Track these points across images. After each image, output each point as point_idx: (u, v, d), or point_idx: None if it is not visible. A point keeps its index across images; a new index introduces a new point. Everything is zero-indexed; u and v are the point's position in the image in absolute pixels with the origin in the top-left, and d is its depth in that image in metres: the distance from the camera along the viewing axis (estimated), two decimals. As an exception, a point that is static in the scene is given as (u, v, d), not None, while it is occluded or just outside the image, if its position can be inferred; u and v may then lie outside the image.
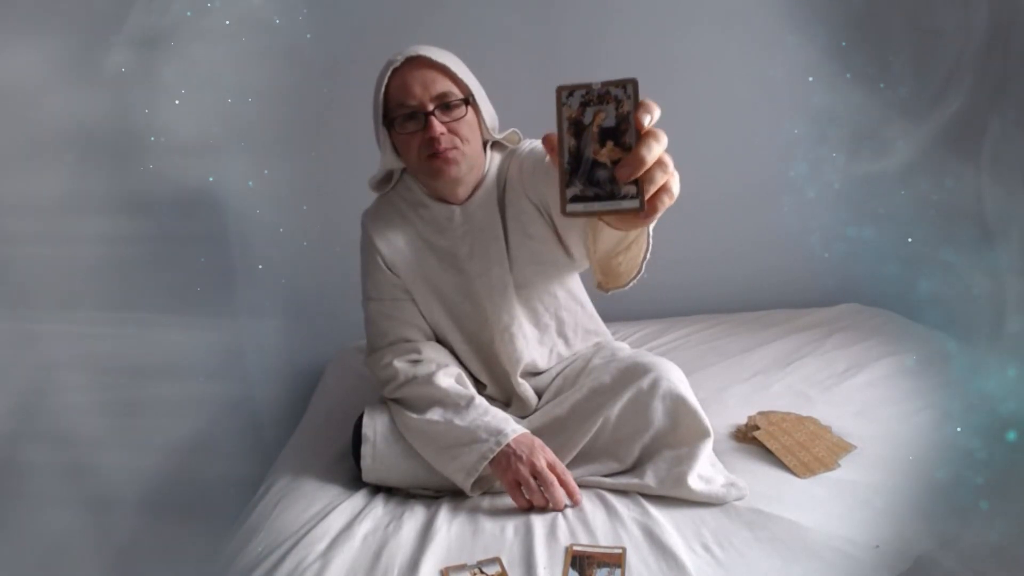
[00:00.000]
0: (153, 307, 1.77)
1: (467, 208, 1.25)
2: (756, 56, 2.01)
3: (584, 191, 0.62)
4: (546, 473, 1.09)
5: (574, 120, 0.62)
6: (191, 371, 1.83)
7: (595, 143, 0.62)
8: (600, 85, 0.62)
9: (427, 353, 1.27)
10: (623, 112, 0.61)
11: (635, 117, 0.61)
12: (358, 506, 1.16)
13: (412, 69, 1.14)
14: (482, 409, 1.18)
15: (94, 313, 1.72)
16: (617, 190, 0.61)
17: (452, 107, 1.15)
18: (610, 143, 0.62)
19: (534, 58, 1.98)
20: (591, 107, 0.62)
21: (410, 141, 1.16)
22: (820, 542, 0.97)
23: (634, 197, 0.61)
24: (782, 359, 1.66)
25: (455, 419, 1.16)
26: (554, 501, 1.08)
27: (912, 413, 1.33)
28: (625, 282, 1.02)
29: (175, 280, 1.81)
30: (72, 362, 1.69)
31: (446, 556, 1.01)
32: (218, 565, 1.07)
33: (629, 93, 0.61)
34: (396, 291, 1.29)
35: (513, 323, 1.26)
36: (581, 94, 0.62)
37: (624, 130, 0.61)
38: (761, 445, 1.25)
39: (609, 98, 0.62)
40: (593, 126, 0.62)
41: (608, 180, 0.62)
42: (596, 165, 0.62)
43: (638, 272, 0.99)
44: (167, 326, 1.78)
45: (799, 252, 2.13)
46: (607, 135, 0.62)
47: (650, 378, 1.16)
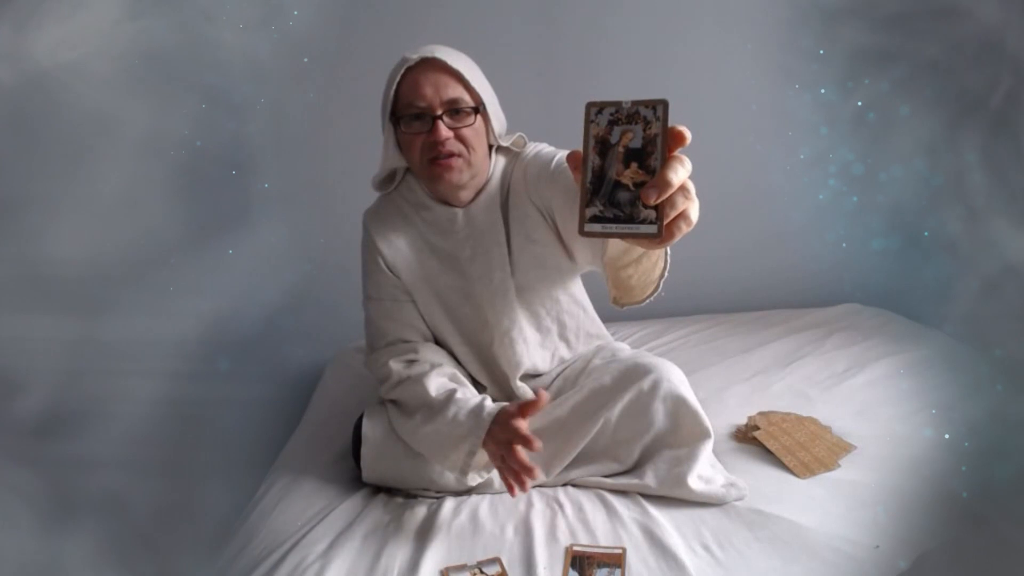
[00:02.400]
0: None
1: (470, 211, 1.25)
2: (756, 57, 2.01)
3: (604, 212, 0.61)
4: (516, 453, 1.01)
5: (601, 138, 0.61)
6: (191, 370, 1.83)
7: (619, 163, 0.61)
8: (630, 104, 0.61)
9: (423, 354, 1.27)
10: (651, 134, 0.60)
11: (665, 140, 0.60)
12: (358, 506, 1.16)
13: (426, 70, 1.12)
14: (460, 401, 1.13)
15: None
16: (636, 213, 0.60)
17: (461, 114, 1.14)
18: (634, 165, 0.61)
19: (536, 61, 1.98)
20: (619, 126, 0.61)
21: (414, 141, 1.15)
22: (820, 542, 0.98)
23: (652, 222, 0.60)
24: (782, 359, 1.66)
25: (437, 420, 1.13)
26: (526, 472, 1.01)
27: (912, 413, 1.33)
28: (640, 298, 0.99)
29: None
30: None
31: (446, 556, 1.01)
32: (218, 565, 1.07)
33: (659, 115, 0.60)
34: (396, 292, 1.29)
35: (514, 327, 1.26)
36: (610, 112, 0.61)
37: (650, 152, 0.60)
38: (761, 445, 1.25)
39: (638, 118, 0.61)
40: (619, 146, 0.61)
41: (629, 203, 0.61)
42: (618, 186, 0.61)
43: (655, 289, 0.97)
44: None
45: (799, 252, 2.13)
46: (632, 156, 0.61)
47: (651, 379, 1.16)
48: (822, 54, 1.92)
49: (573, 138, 1.15)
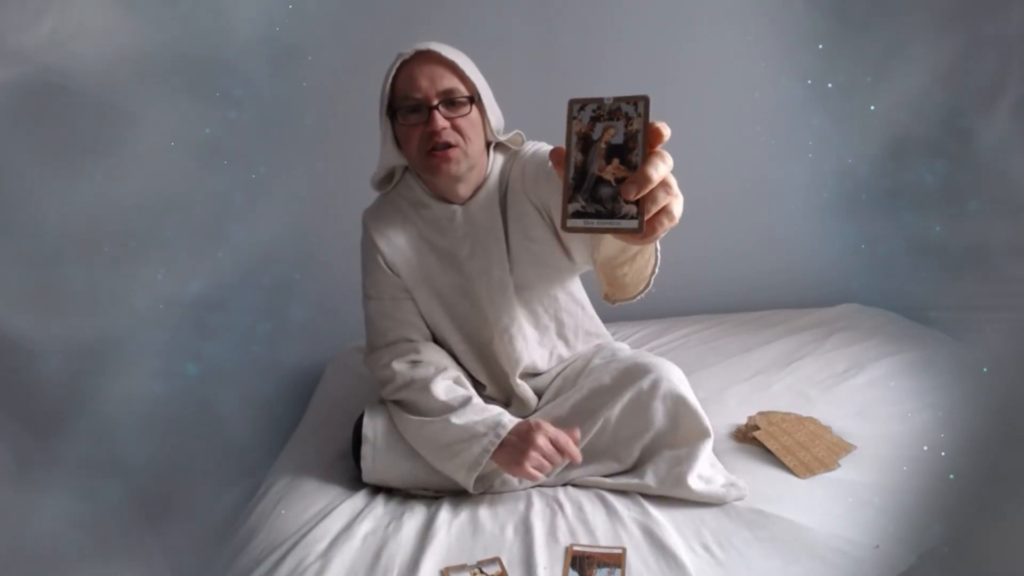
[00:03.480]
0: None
1: (468, 208, 1.25)
2: (756, 56, 2.01)
3: (586, 207, 0.62)
4: (550, 452, 1.10)
5: (583, 135, 0.62)
6: (191, 370, 1.83)
7: (601, 159, 0.62)
8: (612, 100, 0.61)
9: (426, 355, 1.27)
10: (632, 130, 0.61)
11: (645, 137, 0.61)
12: (358, 506, 1.16)
13: (421, 63, 1.14)
14: (479, 407, 1.18)
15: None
16: (618, 208, 0.61)
17: (457, 104, 1.15)
18: (616, 161, 0.61)
19: (534, 59, 1.98)
20: (601, 122, 0.62)
21: (412, 133, 1.16)
22: (820, 542, 0.98)
23: (633, 217, 0.61)
24: (782, 359, 1.66)
25: (452, 418, 1.16)
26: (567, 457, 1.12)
27: (912, 413, 1.33)
28: (632, 295, 1.00)
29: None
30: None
31: (446, 556, 1.01)
32: (218, 565, 1.07)
33: (640, 111, 0.61)
34: (396, 291, 1.29)
35: (513, 324, 1.26)
36: (592, 108, 0.62)
37: (631, 148, 0.61)
38: (761, 445, 1.25)
39: (620, 114, 0.61)
40: (601, 142, 0.62)
41: (610, 198, 0.61)
42: (600, 182, 0.62)
43: (646, 286, 0.98)
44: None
45: (799, 252, 2.13)
46: (614, 152, 0.61)
47: (650, 379, 1.16)
48: (821, 48, 1.92)
49: (573, 138, 1.16)
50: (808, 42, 1.95)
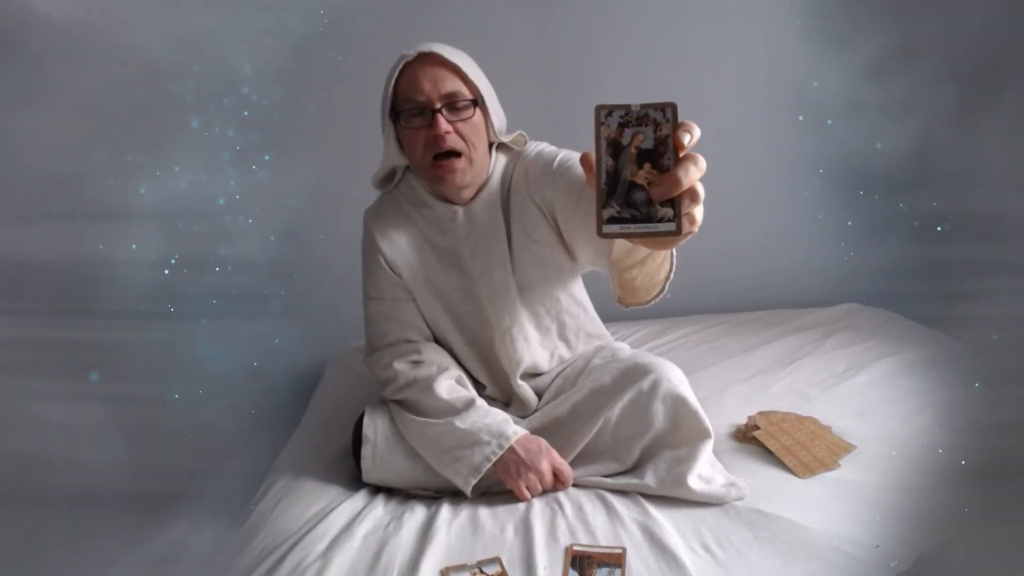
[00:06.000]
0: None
1: (470, 209, 1.25)
2: (757, 56, 2.01)
3: (621, 212, 0.62)
4: (548, 481, 1.15)
5: (612, 140, 0.62)
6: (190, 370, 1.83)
7: (633, 164, 0.62)
8: (639, 107, 0.62)
9: (427, 355, 1.27)
10: (661, 135, 0.61)
11: (675, 137, 0.61)
12: (358, 506, 1.16)
13: (424, 65, 1.13)
14: (483, 411, 1.18)
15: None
16: (653, 212, 0.61)
17: (460, 107, 1.15)
18: (647, 165, 0.62)
19: (537, 59, 1.98)
20: (629, 128, 0.62)
21: (415, 137, 1.16)
22: (820, 542, 0.97)
23: (670, 220, 0.61)
24: (782, 359, 1.66)
25: (456, 421, 1.16)
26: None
27: (912, 413, 1.33)
28: (644, 299, 0.99)
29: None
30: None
31: (446, 556, 1.01)
32: (218, 565, 1.07)
33: (668, 116, 0.61)
34: (397, 291, 1.29)
35: (514, 325, 1.26)
36: (620, 115, 0.62)
37: (662, 153, 0.61)
38: (761, 445, 1.25)
39: (647, 120, 0.62)
40: (631, 147, 0.62)
41: (645, 202, 0.61)
42: (633, 187, 0.62)
43: (661, 291, 0.97)
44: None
45: (799, 252, 2.13)
46: (644, 157, 0.62)
47: (651, 379, 1.16)
48: (821, 47, 1.92)
49: (574, 137, 1.16)
50: (808, 41, 1.95)
